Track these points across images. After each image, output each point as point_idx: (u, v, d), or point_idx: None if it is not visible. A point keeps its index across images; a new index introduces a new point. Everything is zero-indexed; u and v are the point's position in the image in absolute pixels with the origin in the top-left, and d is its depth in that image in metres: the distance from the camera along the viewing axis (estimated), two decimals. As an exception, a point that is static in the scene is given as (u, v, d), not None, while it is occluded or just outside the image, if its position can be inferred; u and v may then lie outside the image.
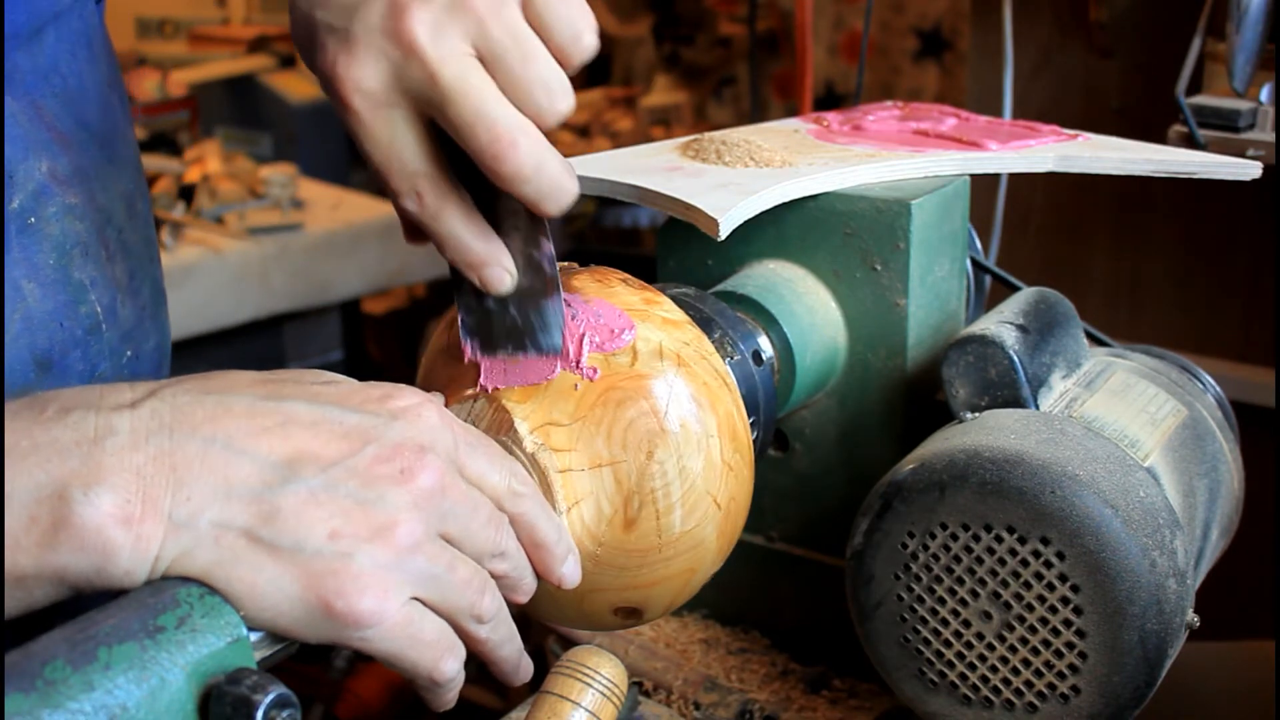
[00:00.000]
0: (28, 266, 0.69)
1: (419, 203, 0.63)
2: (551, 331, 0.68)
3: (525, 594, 0.64)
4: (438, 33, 0.60)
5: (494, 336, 0.69)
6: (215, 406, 0.56)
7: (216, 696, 0.52)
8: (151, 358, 0.80)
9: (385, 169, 0.62)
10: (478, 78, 0.60)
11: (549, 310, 0.68)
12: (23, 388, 0.69)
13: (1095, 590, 0.70)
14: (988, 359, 0.79)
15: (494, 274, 0.66)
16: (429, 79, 0.60)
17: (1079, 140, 0.96)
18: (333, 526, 0.55)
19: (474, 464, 0.61)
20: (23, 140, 0.69)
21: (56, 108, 0.72)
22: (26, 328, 0.69)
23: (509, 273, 0.66)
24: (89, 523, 0.51)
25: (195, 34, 3.50)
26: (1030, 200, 2.02)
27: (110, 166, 0.76)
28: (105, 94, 0.78)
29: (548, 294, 0.68)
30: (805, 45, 1.95)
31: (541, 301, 0.68)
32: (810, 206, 0.86)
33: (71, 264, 0.72)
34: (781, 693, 0.90)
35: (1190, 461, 0.82)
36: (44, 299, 0.70)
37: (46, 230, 0.70)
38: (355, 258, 2.45)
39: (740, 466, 0.70)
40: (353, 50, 0.60)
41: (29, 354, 0.70)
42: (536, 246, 0.67)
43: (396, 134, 0.62)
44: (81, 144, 0.74)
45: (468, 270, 0.66)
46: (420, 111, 0.61)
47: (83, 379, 0.73)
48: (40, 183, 0.70)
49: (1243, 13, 1.27)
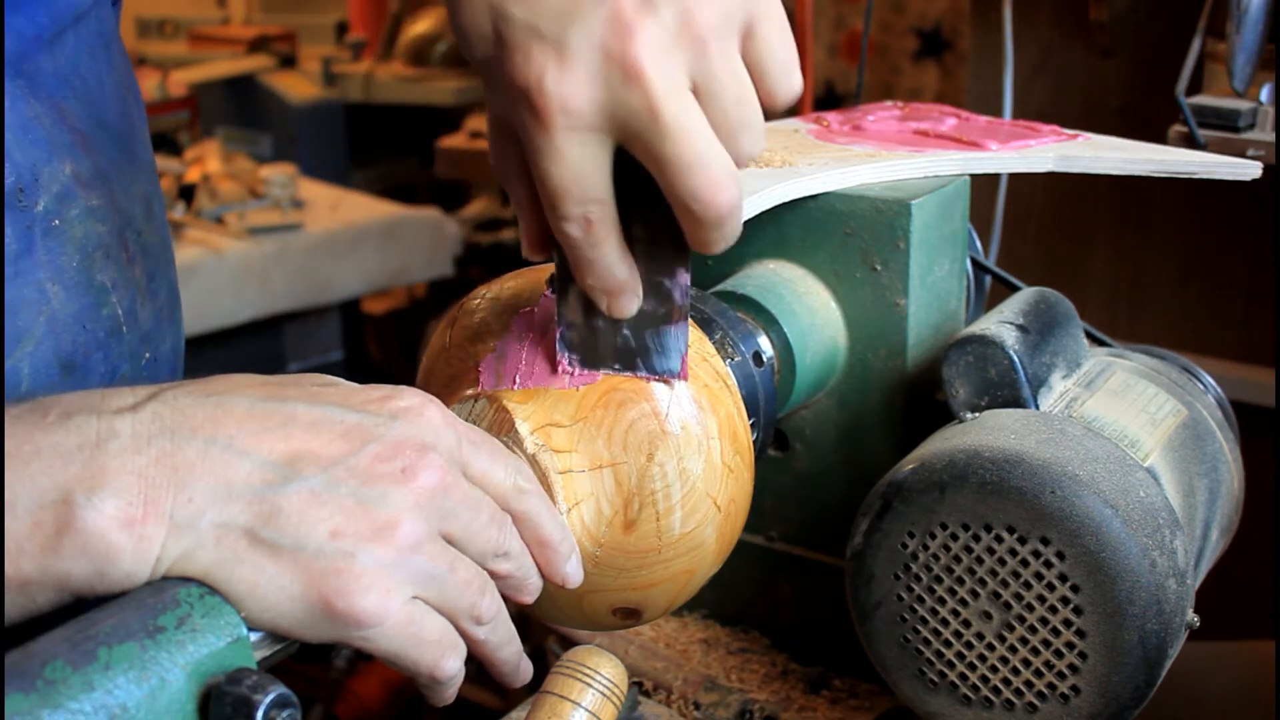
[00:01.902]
0: (52, 269, 0.69)
1: (586, 229, 0.60)
2: (670, 356, 0.66)
3: (531, 594, 0.64)
4: (663, 61, 0.56)
5: (599, 354, 0.67)
6: (216, 408, 0.56)
7: (216, 696, 0.52)
8: (168, 360, 0.80)
9: (563, 192, 0.58)
10: (698, 118, 0.57)
11: (670, 335, 0.66)
12: (47, 390, 0.69)
13: (1095, 590, 0.70)
14: (988, 359, 0.79)
15: (625, 301, 0.64)
16: (649, 111, 0.56)
17: (1079, 140, 0.96)
18: (334, 525, 0.55)
19: (477, 463, 0.61)
20: (46, 142, 0.69)
21: (78, 109, 0.72)
22: (51, 330, 0.69)
23: (637, 299, 0.64)
24: (92, 527, 0.51)
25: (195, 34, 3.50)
26: (1030, 200, 2.02)
27: (129, 168, 0.76)
28: (123, 96, 0.78)
29: (673, 320, 0.66)
30: (805, 45, 1.94)
31: (663, 327, 0.66)
32: (810, 206, 0.86)
33: (94, 266, 0.72)
34: (781, 693, 0.90)
35: (1190, 461, 0.82)
36: (68, 301, 0.70)
37: (70, 232, 0.70)
38: (355, 258, 2.45)
39: (740, 468, 0.70)
40: (566, 64, 0.56)
41: (54, 356, 0.69)
42: (671, 276, 0.64)
43: (588, 158, 0.58)
44: (102, 146, 0.74)
45: (601, 294, 0.63)
46: (619, 139, 0.58)
47: (104, 381, 0.72)
48: (65, 185, 0.70)
49: (1243, 13, 1.27)
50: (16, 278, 0.67)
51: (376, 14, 3.69)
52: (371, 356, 3.10)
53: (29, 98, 0.69)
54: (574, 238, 0.60)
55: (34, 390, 0.68)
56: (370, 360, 3.04)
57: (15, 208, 0.67)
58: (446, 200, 3.12)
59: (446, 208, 2.91)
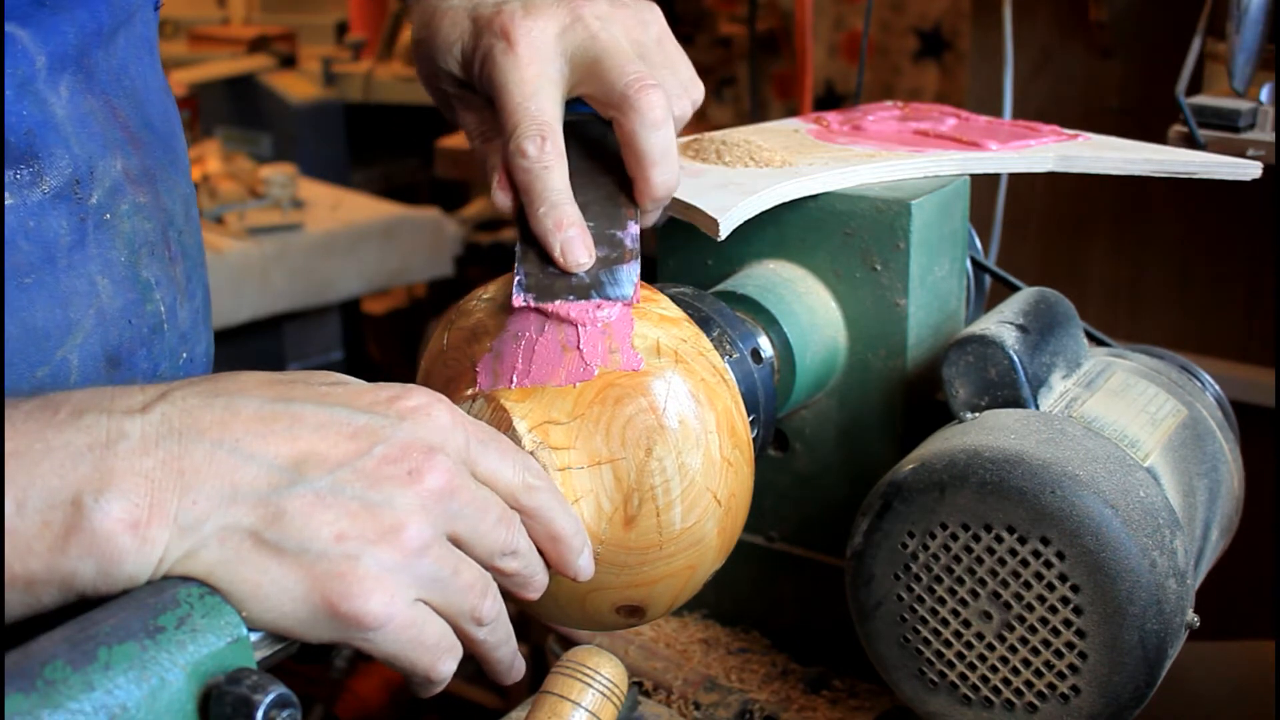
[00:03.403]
0: (102, 262, 0.70)
1: (540, 146, 0.70)
2: (623, 285, 0.69)
3: (536, 591, 0.64)
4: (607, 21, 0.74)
5: (554, 291, 0.69)
6: (223, 410, 0.56)
7: (216, 696, 0.52)
8: (202, 361, 0.81)
9: (521, 109, 0.71)
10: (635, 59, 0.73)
11: (623, 271, 0.69)
12: (93, 384, 0.70)
13: (1095, 590, 0.70)
14: (988, 359, 0.79)
15: (575, 248, 0.69)
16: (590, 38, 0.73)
17: (1079, 140, 0.96)
18: (339, 529, 0.55)
19: (486, 462, 0.61)
20: (101, 137, 0.70)
21: (128, 108, 0.73)
22: (100, 323, 0.70)
23: (589, 253, 0.70)
24: (99, 529, 0.51)
25: (195, 34, 3.50)
26: (1030, 200, 2.02)
27: (172, 168, 0.78)
28: (164, 98, 0.79)
29: (625, 261, 0.69)
30: (805, 45, 1.95)
31: (616, 266, 0.69)
32: (810, 206, 0.86)
33: (140, 262, 0.73)
34: (781, 693, 0.90)
35: (1190, 461, 0.82)
36: (115, 295, 0.71)
37: (120, 227, 0.71)
38: (355, 258, 2.45)
39: (740, 462, 0.70)
40: (531, 10, 0.74)
41: (101, 350, 0.70)
42: (623, 228, 0.71)
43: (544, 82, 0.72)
44: (148, 145, 0.75)
45: (553, 231, 0.69)
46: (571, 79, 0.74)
47: (146, 378, 0.73)
48: (116, 180, 0.71)
49: (1243, 13, 1.27)
50: (69, 269, 0.68)
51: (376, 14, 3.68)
52: (371, 356, 3.10)
53: (86, 92, 0.70)
54: (530, 155, 0.70)
55: (82, 382, 0.69)
56: (370, 360, 3.04)
57: (71, 199, 0.68)
58: (446, 200, 3.12)
59: (446, 208, 2.91)
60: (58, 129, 0.67)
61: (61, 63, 0.68)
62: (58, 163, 0.67)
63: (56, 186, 0.67)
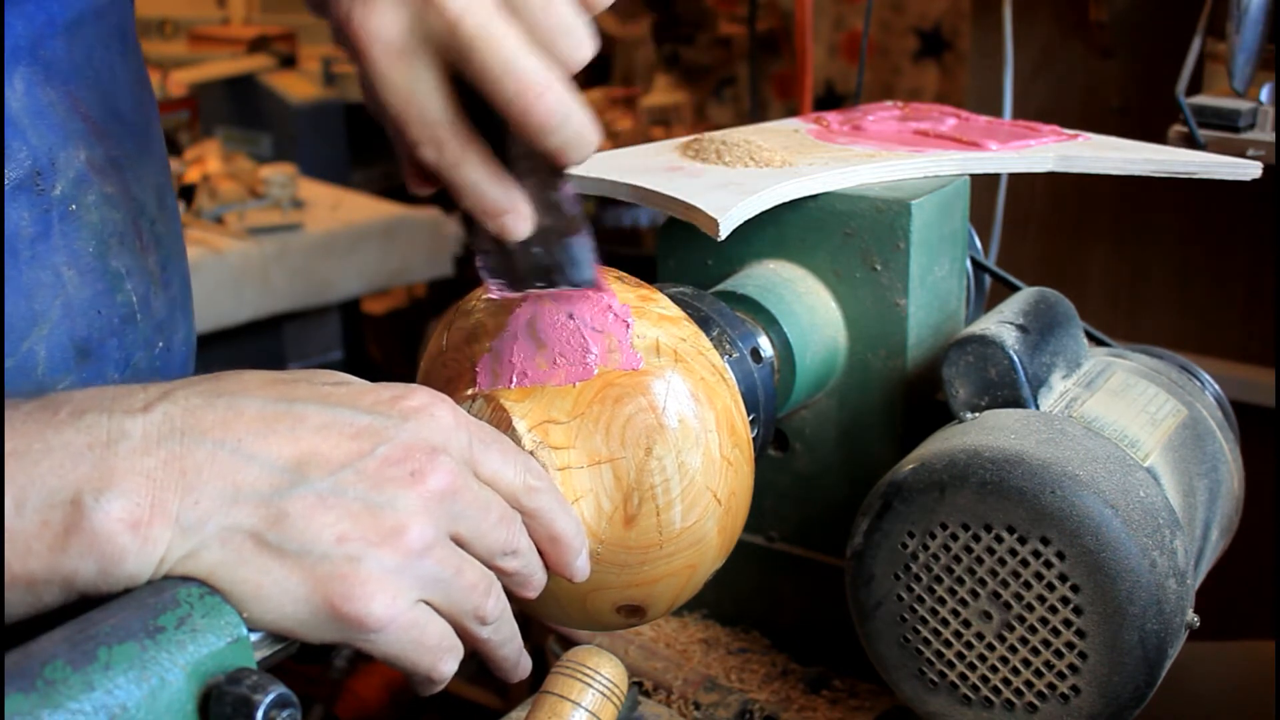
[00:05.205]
0: (68, 253, 0.70)
1: (439, 151, 0.62)
2: (582, 266, 0.67)
3: (535, 590, 0.64)
4: None
5: (520, 274, 0.68)
6: (226, 410, 0.56)
7: (216, 696, 0.52)
8: (181, 350, 0.81)
9: (404, 118, 0.61)
10: (501, 26, 0.59)
11: (576, 246, 0.67)
12: (63, 374, 0.70)
13: (1095, 590, 0.70)
14: (988, 359, 0.79)
15: (511, 221, 0.64)
16: (449, 27, 0.58)
17: (1079, 140, 0.96)
18: (341, 530, 0.55)
19: (488, 462, 0.61)
20: (61, 129, 0.70)
21: (92, 99, 0.73)
22: (66, 314, 0.70)
23: (525, 219, 0.65)
24: (100, 528, 0.51)
25: (195, 34, 3.50)
26: (1030, 200, 2.02)
27: (143, 158, 0.77)
28: (137, 89, 0.79)
29: (572, 232, 0.67)
30: (805, 45, 1.94)
31: (567, 239, 0.67)
32: (810, 206, 0.86)
33: (109, 252, 0.73)
34: (781, 693, 0.90)
35: (1190, 461, 0.82)
36: (83, 286, 0.71)
37: (86, 218, 0.71)
38: (355, 258, 2.45)
39: (740, 461, 0.70)
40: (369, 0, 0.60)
41: (69, 340, 0.70)
42: (555, 189, 0.66)
43: (417, 83, 0.60)
44: (116, 135, 0.75)
45: (485, 217, 0.65)
46: (441, 60, 0.60)
47: (119, 368, 0.73)
48: (80, 171, 0.71)
49: (1243, 13, 1.27)
50: (33, 261, 0.68)
51: (376, 14, 3.67)
52: (371, 356, 3.10)
53: (44, 84, 0.70)
54: (432, 162, 0.62)
55: (50, 374, 0.69)
56: (370, 360, 3.04)
57: (32, 191, 0.68)
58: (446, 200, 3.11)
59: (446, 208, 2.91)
60: (14, 122, 0.67)
61: (14, 55, 0.68)
62: (15, 155, 0.67)
63: (16, 178, 0.67)
